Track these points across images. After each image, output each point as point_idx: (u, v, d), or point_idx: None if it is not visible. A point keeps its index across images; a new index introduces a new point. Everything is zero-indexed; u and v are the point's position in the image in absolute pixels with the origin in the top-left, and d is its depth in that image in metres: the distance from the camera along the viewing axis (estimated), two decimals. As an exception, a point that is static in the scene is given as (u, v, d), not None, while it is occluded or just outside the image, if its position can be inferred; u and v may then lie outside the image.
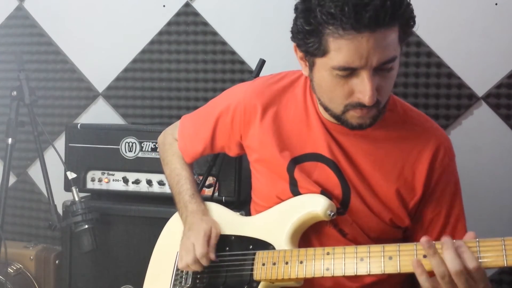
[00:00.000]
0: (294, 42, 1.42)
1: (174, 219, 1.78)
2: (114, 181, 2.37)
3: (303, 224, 1.50)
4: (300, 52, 1.42)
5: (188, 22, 2.69)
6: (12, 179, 2.90)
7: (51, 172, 2.27)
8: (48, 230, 2.46)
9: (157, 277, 1.73)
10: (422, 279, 1.26)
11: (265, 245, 1.52)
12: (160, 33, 2.73)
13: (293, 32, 1.39)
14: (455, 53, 2.43)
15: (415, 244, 1.29)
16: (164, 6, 2.71)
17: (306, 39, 1.35)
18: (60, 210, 2.28)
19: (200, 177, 2.15)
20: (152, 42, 2.74)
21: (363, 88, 1.33)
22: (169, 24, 2.71)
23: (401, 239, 1.57)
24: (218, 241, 1.60)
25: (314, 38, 1.33)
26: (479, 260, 1.21)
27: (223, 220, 1.66)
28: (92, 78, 2.85)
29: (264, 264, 1.48)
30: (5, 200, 2.30)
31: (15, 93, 2.31)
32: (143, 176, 2.33)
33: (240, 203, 2.22)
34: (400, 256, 1.29)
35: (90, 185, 2.39)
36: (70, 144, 2.39)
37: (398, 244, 1.31)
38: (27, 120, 2.32)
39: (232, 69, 2.66)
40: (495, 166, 2.43)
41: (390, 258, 1.31)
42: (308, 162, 1.54)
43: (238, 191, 2.23)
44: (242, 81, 2.08)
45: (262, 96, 1.60)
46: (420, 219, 1.54)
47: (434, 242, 1.25)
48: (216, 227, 1.62)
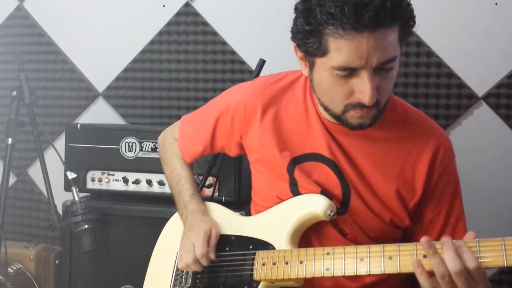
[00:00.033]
0: (294, 42, 1.42)
1: (174, 219, 1.78)
2: (114, 181, 2.37)
3: (303, 224, 1.50)
4: (300, 52, 1.42)
5: (188, 22, 2.69)
6: (12, 179, 2.90)
7: (51, 172, 2.27)
8: (48, 230, 2.46)
9: (157, 277, 1.72)
10: (422, 279, 1.25)
11: (265, 245, 1.52)
12: (160, 33, 2.73)
13: (293, 32, 1.39)
14: (455, 53, 2.43)
15: (415, 244, 1.28)
16: (164, 6, 2.71)
17: (306, 39, 1.35)
18: (60, 210, 2.28)
19: (200, 177, 2.15)
20: (152, 42, 2.74)
21: (363, 88, 1.33)
22: (169, 24, 2.71)
23: (401, 239, 1.57)
24: (218, 241, 1.60)
25: (314, 38, 1.33)
26: (479, 260, 1.20)
27: (223, 220, 1.66)
28: (92, 78, 2.85)
29: (264, 264, 1.48)
30: (5, 200, 2.30)
31: (15, 93, 2.31)
32: (143, 176, 2.33)
33: (240, 203, 2.22)
34: (400, 256, 1.29)
35: (90, 185, 2.39)
36: (70, 144, 2.39)
37: (398, 244, 1.31)
38: (27, 120, 2.32)
39: (232, 69, 2.66)
40: (495, 166, 2.43)
41: (390, 258, 1.31)
42: (308, 162, 1.54)
43: (238, 191, 2.23)
44: (242, 81, 2.08)
45: (262, 96, 1.60)
46: (420, 219, 1.54)
47: (434, 242, 1.25)
48: (216, 227, 1.62)
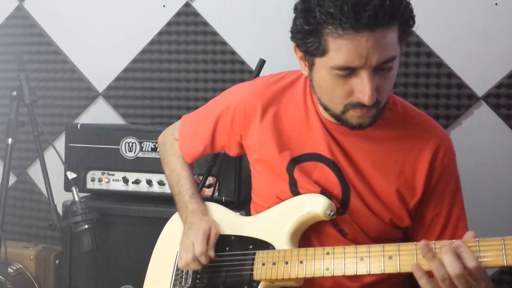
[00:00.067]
0: (294, 42, 1.42)
1: (174, 219, 1.78)
2: (114, 181, 2.37)
3: (303, 224, 1.50)
4: (300, 52, 1.42)
5: (188, 22, 2.69)
6: (12, 179, 2.90)
7: (51, 172, 2.27)
8: (48, 230, 2.46)
9: (157, 277, 1.72)
10: (423, 282, 1.25)
11: (265, 245, 1.52)
12: (160, 33, 2.73)
13: (293, 32, 1.39)
14: (455, 53, 2.43)
15: (415, 244, 1.28)
16: (164, 6, 2.71)
17: (306, 39, 1.35)
18: (60, 210, 2.28)
19: (200, 177, 2.15)
20: (152, 42, 2.74)
21: (363, 88, 1.33)
22: (169, 24, 2.71)
23: (401, 239, 1.57)
24: (218, 241, 1.60)
25: (314, 38, 1.33)
26: (479, 260, 1.20)
27: (223, 220, 1.66)
28: (92, 78, 2.85)
29: (264, 264, 1.48)
30: (5, 200, 2.30)
31: (15, 93, 2.31)
32: (143, 176, 2.33)
33: (240, 203, 2.22)
34: (400, 256, 1.29)
35: (90, 185, 2.39)
36: (70, 144, 2.39)
37: (398, 244, 1.31)
38: (27, 120, 2.32)
39: (232, 69, 2.66)
40: (495, 166, 2.42)
41: (390, 258, 1.30)
42: (308, 162, 1.54)
43: (238, 191, 2.23)
44: (242, 81, 2.08)
45: (262, 96, 1.60)
46: (421, 219, 1.53)
47: (434, 242, 1.25)
48: (216, 227, 1.62)
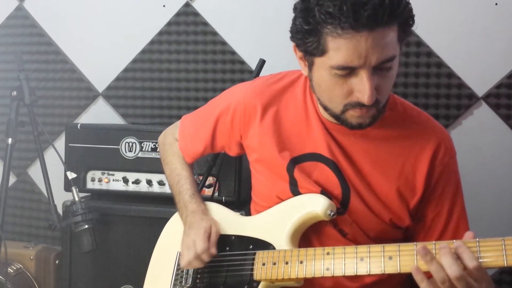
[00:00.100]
0: (293, 42, 1.42)
1: (174, 219, 1.78)
2: (114, 181, 2.37)
3: (303, 224, 1.50)
4: (299, 52, 1.42)
5: (188, 22, 2.69)
6: (12, 179, 2.90)
7: (51, 172, 2.27)
8: (48, 230, 2.46)
9: (157, 277, 1.73)
10: (423, 286, 1.25)
11: (265, 245, 1.52)
12: (160, 33, 2.72)
13: (292, 32, 1.39)
14: (455, 53, 2.43)
15: (415, 244, 1.28)
16: (164, 6, 2.71)
17: (305, 39, 1.35)
18: (60, 210, 2.28)
19: (200, 177, 2.15)
20: (152, 42, 2.74)
21: (362, 88, 1.33)
22: (169, 24, 2.71)
23: (402, 239, 1.57)
24: (219, 241, 1.60)
25: (313, 38, 1.33)
26: (479, 260, 1.20)
27: (223, 220, 1.66)
28: (92, 78, 2.84)
29: (264, 264, 1.48)
30: (5, 200, 2.30)
31: (15, 93, 2.31)
32: (143, 176, 2.33)
33: (240, 203, 2.22)
34: (400, 256, 1.29)
35: (90, 185, 2.39)
36: (70, 144, 2.39)
37: (398, 244, 1.31)
38: (27, 120, 2.32)
39: (232, 69, 2.66)
40: (495, 166, 2.42)
41: (390, 258, 1.30)
42: (308, 162, 1.54)
43: (238, 191, 2.23)
44: (242, 81, 2.08)
45: (262, 96, 1.60)
46: (422, 219, 1.53)
47: (435, 243, 1.25)
48: (216, 226, 1.62)
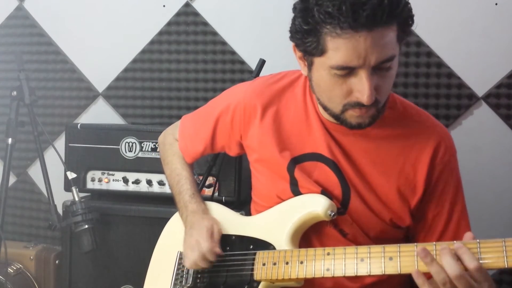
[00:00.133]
0: (293, 42, 1.42)
1: (175, 219, 1.78)
2: (114, 181, 2.37)
3: (304, 224, 1.50)
4: (299, 52, 1.42)
5: (188, 22, 2.69)
6: (12, 179, 2.90)
7: (51, 172, 2.27)
8: (48, 230, 2.45)
9: (158, 277, 1.73)
10: None
11: (266, 245, 1.52)
12: (160, 33, 2.72)
13: (292, 32, 1.39)
14: (455, 53, 2.43)
15: (416, 245, 1.28)
16: (164, 6, 2.71)
17: (304, 39, 1.35)
18: (60, 210, 2.28)
19: (200, 177, 2.15)
20: (152, 42, 2.74)
21: (361, 88, 1.33)
22: (169, 24, 2.71)
23: (403, 239, 1.57)
24: (219, 240, 1.59)
25: (312, 38, 1.33)
26: (480, 261, 1.20)
27: (224, 220, 1.66)
28: (92, 78, 2.84)
29: (265, 264, 1.48)
30: (5, 200, 2.30)
31: (15, 93, 2.31)
32: (143, 176, 2.33)
33: (240, 203, 2.22)
34: (401, 257, 1.29)
35: (90, 185, 2.39)
36: (70, 144, 2.39)
37: (399, 245, 1.31)
38: (27, 120, 2.32)
39: (232, 69, 2.66)
40: (495, 166, 2.42)
41: (391, 259, 1.30)
42: (308, 162, 1.54)
43: (238, 191, 2.23)
44: (242, 81, 2.08)
45: (262, 96, 1.60)
46: (423, 218, 1.53)
47: (435, 244, 1.25)
48: (218, 225, 1.62)
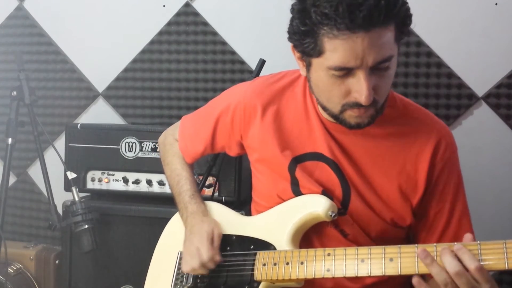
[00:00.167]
0: (291, 43, 1.42)
1: (175, 219, 1.78)
2: (114, 181, 2.37)
3: (304, 225, 1.50)
4: (297, 53, 1.43)
5: (188, 22, 2.69)
6: (12, 179, 2.90)
7: (51, 172, 2.27)
8: (48, 230, 2.45)
9: (158, 277, 1.73)
10: None
11: (266, 245, 1.52)
12: (160, 33, 2.72)
13: (290, 33, 1.39)
14: (455, 53, 2.43)
15: (416, 246, 1.28)
16: (164, 6, 2.71)
17: (302, 40, 1.35)
18: (60, 210, 2.28)
19: (200, 177, 2.15)
20: (152, 42, 2.74)
21: (360, 88, 1.33)
22: (169, 24, 2.71)
23: (405, 239, 1.57)
24: (219, 247, 1.59)
25: (310, 39, 1.33)
26: (481, 263, 1.20)
27: (224, 220, 1.66)
28: (92, 78, 2.84)
29: (265, 265, 1.48)
30: (5, 200, 2.30)
31: (15, 93, 2.31)
32: (143, 176, 2.33)
33: (240, 203, 2.22)
34: (401, 258, 1.29)
35: (90, 185, 2.39)
36: (70, 144, 2.39)
37: (399, 246, 1.31)
38: (27, 120, 2.32)
39: (232, 69, 2.66)
40: (495, 166, 2.42)
41: (391, 260, 1.30)
42: (309, 162, 1.54)
43: (238, 191, 2.23)
44: (242, 81, 2.07)
45: (262, 96, 1.60)
46: (424, 216, 1.53)
47: (436, 245, 1.26)
48: (218, 227, 1.62)
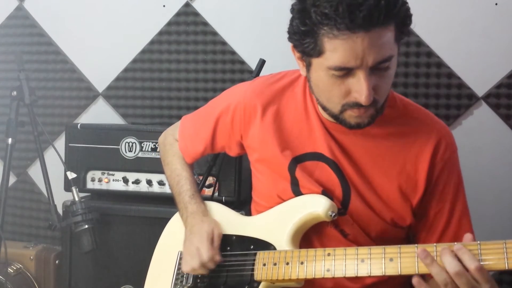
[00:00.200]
0: (291, 43, 1.42)
1: (175, 219, 1.78)
2: (114, 181, 2.37)
3: (304, 225, 1.50)
4: (297, 53, 1.42)
5: (188, 22, 2.69)
6: (12, 179, 2.90)
7: (51, 172, 2.27)
8: (48, 230, 2.45)
9: (158, 277, 1.73)
10: None
11: (266, 245, 1.52)
12: (160, 33, 2.72)
13: (290, 33, 1.39)
14: (455, 53, 2.43)
15: (416, 246, 1.28)
16: (164, 6, 2.71)
17: (302, 40, 1.35)
18: (60, 210, 2.28)
19: (200, 177, 2.15)
20: (152, 42, 2.74)
21: (359, 88, 1.33)
22: (169, 24, 2.71)
23: (405, 238, 1.57)
24: (219, 247, 1.59)
25: (310, 39, 1.33)
26: (481, 263, 1.20)
27: (225, 220, 1.66)
28: (92, 78, 2.84)
29: (265, 265, 1.48)
30: (5, 200, 2.30)
31: (15, 93, 2.31)
32: (143, 176, 2.33)
33: (240, 203, 2.22)
34: (401, 258, 1.29)
35: (90, 185, 2.39)
36: (70, 144, 2.39)
37: (399, 246, 1.31)
38: (27, 120, 2.32)
39: (232, 69, 2.66)
40: (495, 166, 2.42)
41: (391, 260, 1.30)
42: (310, 162, 1.54)
43: (238, 191, 2.23)
44: (242, 81, 2.07)
45: (262, 96, 1.60)
46: (424, 215, 1.53)
47: (436, 245, 1.26)
48: (218, 227, 1.62)
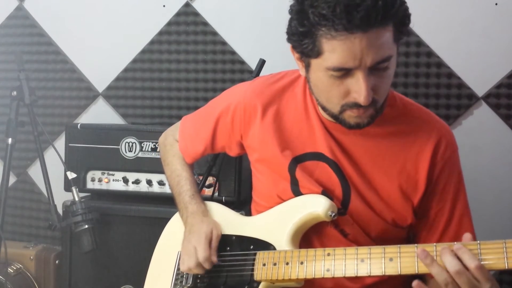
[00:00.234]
0: (290, 44, 1.42)
1: (175, 219, 1.78)
2: (114, 181, 2.37)
3: (304, 225, 1.50)
4: (296, 53, 1.43)
5: (188, 22, 2.69)
6: (12, 179, 2.90)
7: (51, 172, 2.27)
8: (48, 230, 2.45)
9: (158, 277, 1.73)
10: None
11: (266, 246, 1.52)
12: (160, 33, 2.72)
13: (288, 34, 1.39)
14: (455, 53, 2.43)
15: (416, 246, 1.29)
16: (164, 6, 2.71)
17: (301, 41, 1.35)
18: (60, 210, 2.28)
19: (200, 177, 2.15)
20: (152, 42, 2.74)
21: (358, 88, 1.33)
22: (169, 24, 2.71)
23: (405, 238, 1.57)
24: (219, 241, 1.60)
25: (308, 40, 1.33)
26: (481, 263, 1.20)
27: (224, 220, 1.66)
28: (92, 78, 2.84)
29: (265, 265, 1.48)
30: (5, 200, 2.30)
31: (15, 93, 2.31)
32: (143, 176, 2.33)
33: (240, 203, 2.22)
34: (401, 258, 1.29)
35: (90, 185, 2.39)
36: (70, 144, 2.39)
37: (399, 246, 1.31)
38: (27, 120, 2.32)
39: (232, 69, 2.66)
40: (495, 166, 2.42)
41: (391, 260, 1.30)
42: (310, 161, 1.54)
43: (238, 191, 2.23)
44: (242, 81, 2.08)
45: (262, 96, 1.60)
46: (425, 215, 1.53)
47: (436, 245, 1.26)
48: (217, 228, 1.62)
